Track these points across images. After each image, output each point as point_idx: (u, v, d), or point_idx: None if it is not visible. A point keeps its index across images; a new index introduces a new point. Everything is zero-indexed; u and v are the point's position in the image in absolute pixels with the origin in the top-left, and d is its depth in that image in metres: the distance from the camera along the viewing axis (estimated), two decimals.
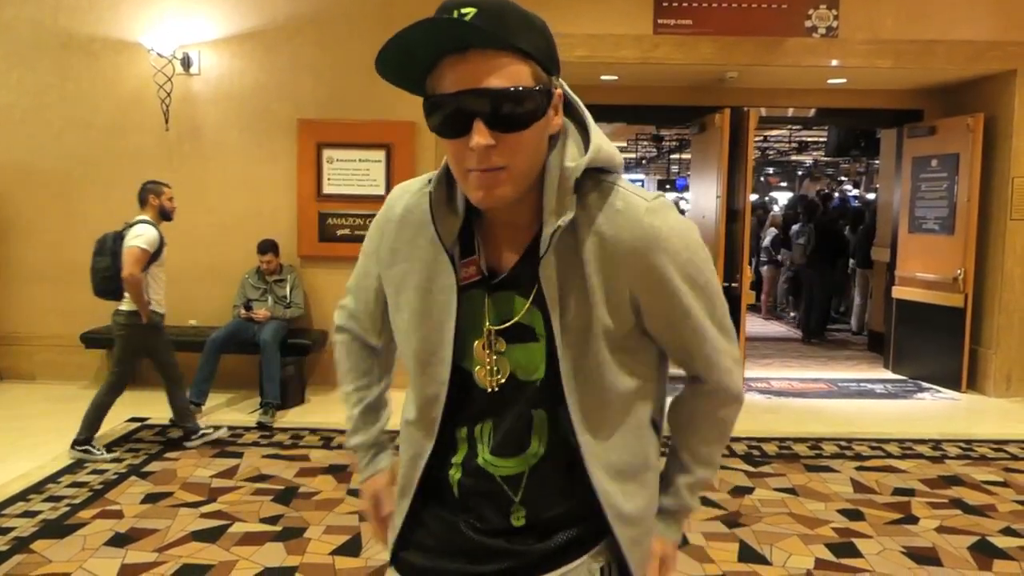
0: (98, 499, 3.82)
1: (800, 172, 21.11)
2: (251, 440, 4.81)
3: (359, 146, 5.96)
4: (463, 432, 1.18)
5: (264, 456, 4.51)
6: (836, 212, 10.79)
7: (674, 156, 17.27)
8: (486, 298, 1.13)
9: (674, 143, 15.06)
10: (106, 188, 6.04)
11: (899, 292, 6.84)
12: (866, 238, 8.72)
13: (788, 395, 6.25)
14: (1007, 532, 3.59)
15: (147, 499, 3.83)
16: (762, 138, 15.00)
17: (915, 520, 3.71)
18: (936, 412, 5.80)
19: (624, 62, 5.91)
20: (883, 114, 7.18)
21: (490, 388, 1.13)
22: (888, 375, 6.96)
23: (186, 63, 5.94)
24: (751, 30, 5.85)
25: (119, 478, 4.11)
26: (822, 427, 5.28)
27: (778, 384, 6.57)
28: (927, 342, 6.55)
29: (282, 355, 5.40)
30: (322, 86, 5.97)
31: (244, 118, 6.03)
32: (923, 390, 6.40)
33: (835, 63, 5.92)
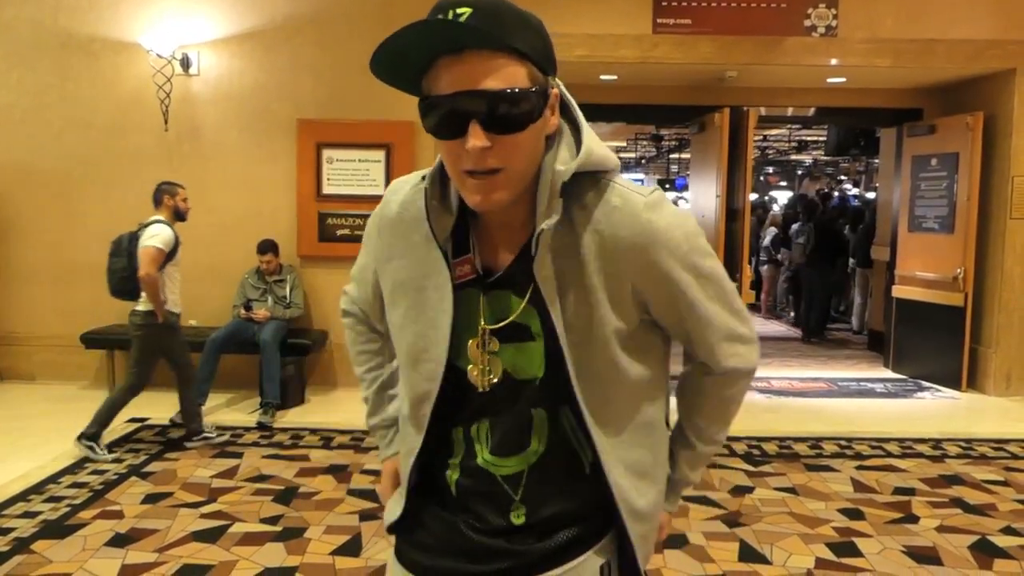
0: (98, 499, 3.82)
1: (800, 171, 21.12)
2: (251, 440, 4.81)
3: (359, 146, 5.96)
4: (459, 433, 1.18)
5: (264, 456, 4.51)
6: (835, 211, 10.79)
7: (673, 155, 17.27)
8: (481, 297, 1.13)
9: (673, 142, 15.06)
10: (106, 188, 6.04)
11: (899, 291, 6.84)
12: (866, 237, 8.72)
13: (788, 394, 6.25)
14: (1007, 531, 3.59)
15: (147, 499, 3.83)
16: (761, 137, 15.01)
17: (915, 519, 3.71)
18: (936, 411, 5.80)
19: (623, 61, 5.91)
20: (883, 113, 7.18)
21: (481, 387, 1.13)
22: (888, 374, 6.96)
23: (185, 63, 5.94)
24: (750, 29, 5.85)
25: (119, 478, 4.11)
26: (822, 426, 5.28)
27: (778, 383, 6.57)
28: (927, 341, 6.55)
29: (282, 355, 5.40)
30: (322, 86, 5.97)
31: (243, 118, 6.03)
32: (923, 389, 6.40)
33: (834, 62, 5.92)
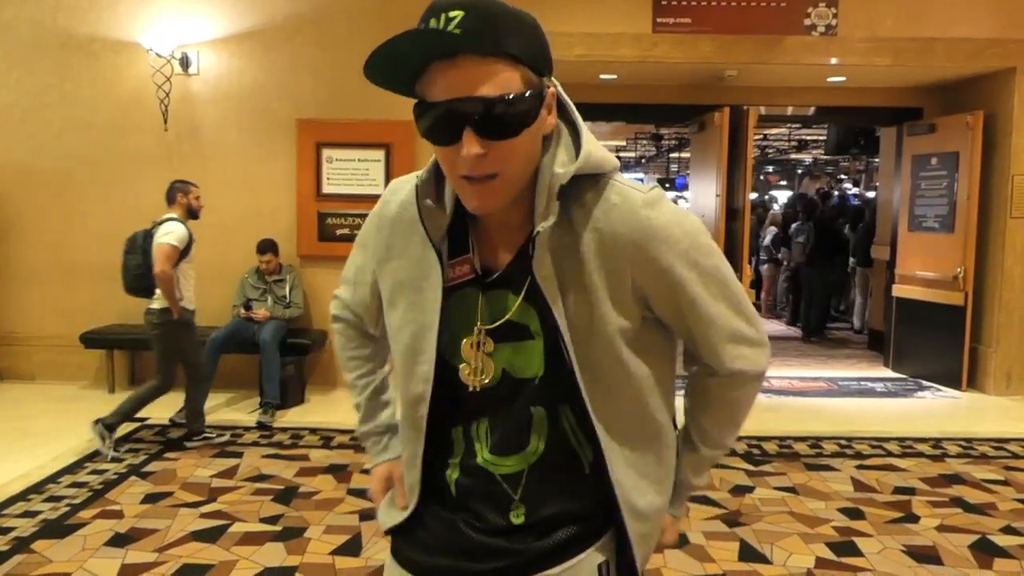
0: (98, 499, 3.82)
1: (800, 170, 21.10)
2: (251, 440, 4.81)
3: (358, 146, 5.96)
4: (458, 432, 1.18)
5: (264, 456, 4.51)
6: (835, 210, 10.79)
7: (673, 155, 17.25)
8: (480, 296, 1.13)
9: (673, 142, 15.04)
10: (106, 188, 6.04)
11: (899, 290, 6.84)
12: (866, 236, 8.72)
13: (788, 394, 6.25)
14: (1008, 531, 3.58)
15: (147, 499, 3.83)
16: (761, 136, 15.00)
17: (916, 519, 3.71)
18: (936, 410, 5.80)
19: (623, 61, 5.91)
20: (882, 112, 7.18)
21: (472, 387, 1.13)
22: (888, 373, 6.96)
23: (185, 63, 5.94)
24: (750, 28, 5.85)
25: (119, 478, 4.11)
26: (822, 426, 5.27)
27: (778, 383, 6.56)
28: (927, 340, 6.55)
29: (282, 355, 5.40)
30: (321, 86, 5.96)
31: (243, 118, 6.03)
32: (923, 388, 6.40)
33: (834, 61, 5.92)
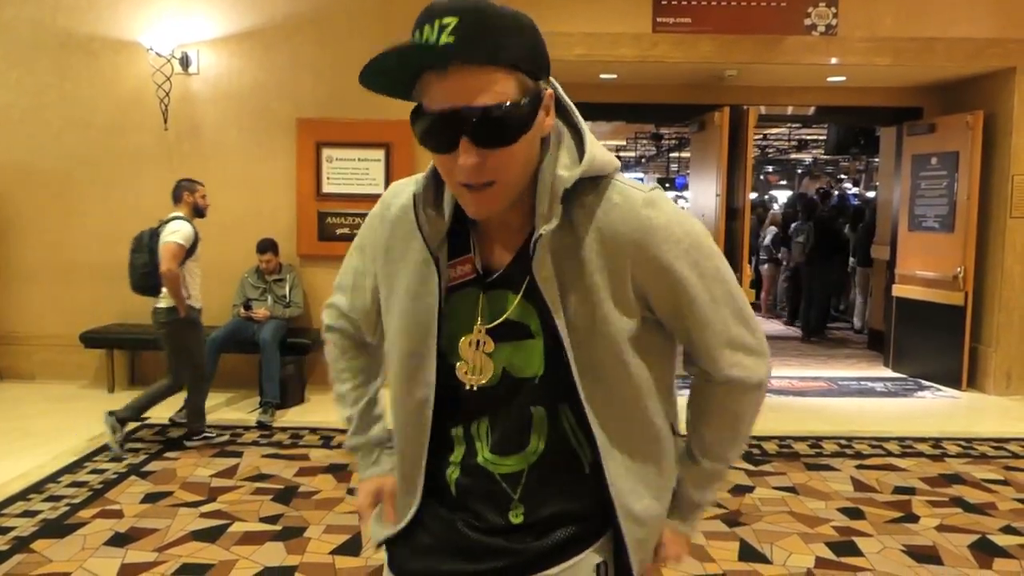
0: (98, 499, 3.82)
1: (800, 170, 21.10)
2: (251, 439, 4.81)
3: (358, 145, 5.96)
4: (459, 431, 1.18)
5: (264, 455, 4.51)
6: (834, 210, 10.79)
7: (673, 154, 17.23)
8: (481, 296, 1.13)
9: (673, 141, 15.03)
10: (105, 188, 6.04)
11: (899, 290, 6.84)
12: (866, 236, 8.71)
13: (788, 394, 6.25)
14: (1007, 530, 3.58)
15: (147, 499, 3.83)
16: (761, 136, 14.99)
17: (915, 519, 3.71)
18: (936, 410, 5.79)
19: (623, 60, 5.91)
20: (882, 112, 7.18)
21: (468, 385, 1.13)
22: (888, 373, 6.96)
23: (185, 62, 5.93)
24: (750, 28, 5.84)
25: (119, 478, 4.11)
26: (822, 425, 5.27)
27: (778, 383, 6.56)
28: (927, 340, 6.55)
29: (282, 354, 5.40)
30: (321, 85, 5.96)
31: (243, 117, 6.02)
32: (923, 388, 6.40)
33: (834, 61, 5.92)
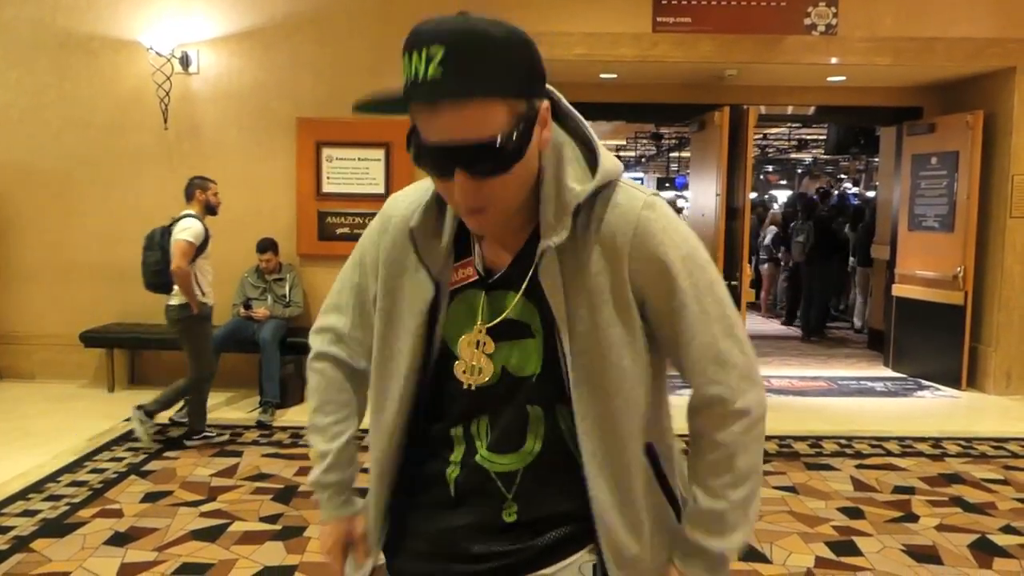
0: (98, 498, 3.82)
1: (800, 170, 21.10)
2: (251, 439, 4.81)
3: (358, 145, 5.95)
4: (458, 430, 1.17)
5: (264, 455, 4.51)
6: (834, 210, 10.79)
7: (673, 154, 17.23)
8: (482, 297, 1.13)
9: (673, 141, 15.02)
10: (105, 187, 6.04)
11: (899, 290, 6.84)
12: (866, 236, 8.71)
13: (788, 393, 6.25)
14: (1007, 530, 3.59)
15: (147, 498, 3.83)
16: (761, 136, 14.98)
17: (915, 518, 3.71)
18: (936, 410, 5.79)
19: (623, 60, 5.91)
20: (882, 112, 7.17)
21: (465, 385, 1.14)
22: (888, 373, 6.96)
23: (185, 62, 5.93)
24: (750, 28, 5.84)
25: (119, 477, 4.11)
26: (822, 425, 5.27)
27: (778, 382, 6.56)
28: (927, 340, 6.55)
29: (281, 354, 5.40)
30: (321, 84, 5.96)
31: (243, 117, 6.02)
32: (923, 388, 6.40)
33: (834, 61, 5.92)
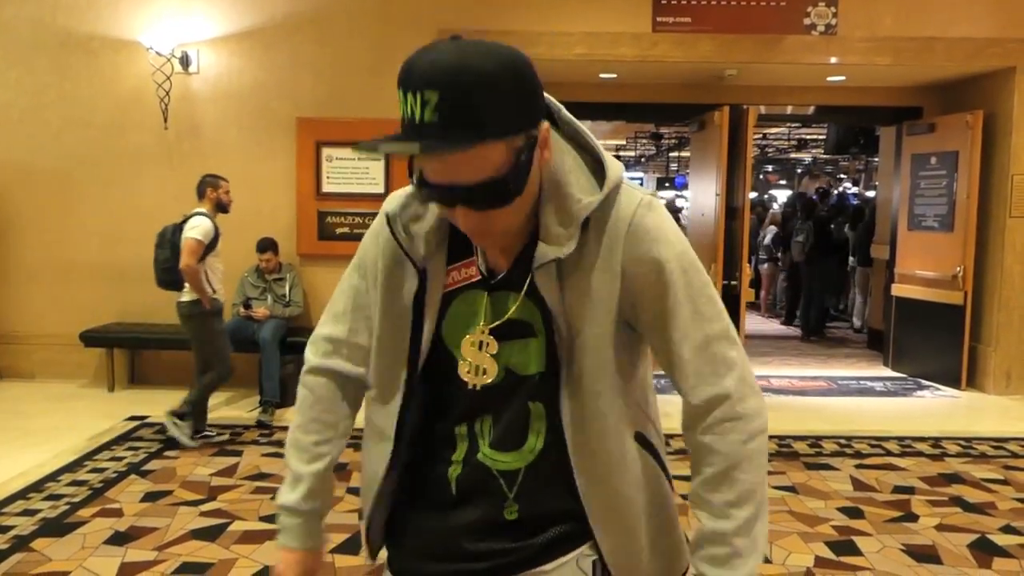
0: (98, 497, 3.82)
1: (799, 170, 21.12)
2: (251, 438, 4.81)
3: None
4: (462, 429, 1.17)
5: (264, 454, 4.51)
6: (834, 209, 10.79)
7: (673, 154, 17.24)
8: (485, 298, 1.13)
9: (673, 141, 15.04)
10: (105, 187, 6.03)
11: (898, 290, 6.84)
12: (866, 235, 8.72)
13: (788, 393, 6.25)
14: (1007, 530, 3.59)
15: (147, 497, 3.83)
16: (761, 136, 15.00)
17: (915, 518, 3.71)
18: (936, 410, 5.80)
19: (623, 60, 5.91)
20: (882, 111, 7.18)
21: (471, 385, 1.14)
22: (888, 373, 6.96)
23: (185, 62, 5.93)
24: (750, 28, 5.84)
25: (119, 476, 4.11)
26: (822, 425, 5.27)
27: (777, 382, 6.57)
28: (927, 340, 6.55)
29: (281, 353, 5.40)
30: (321, 84, 5.96)
31: (243, 117, 6.02)
32: (923, 388, 6.40)
33: (834, 60, 5.92)
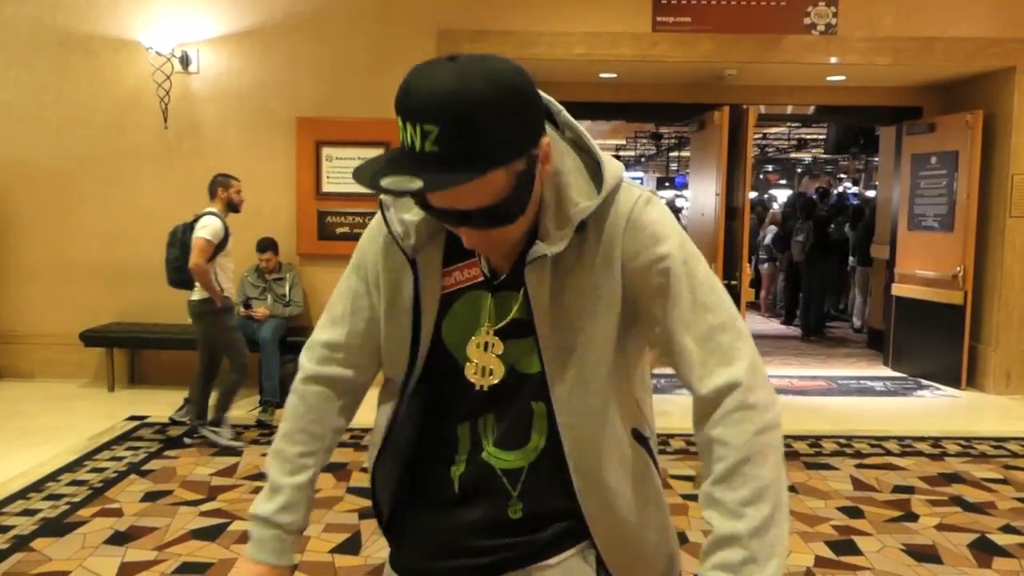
0: (98, 497, 3.82)
1: (799, 170, 21.12)
2: (251, 438, 4.81)
3: (358, 144, 5.95)
4: (465, 428, 1.18)
5: (264, 454, 4.47)
6: (834, 209, 10.80)
7: (673, 154, 17.24)
8: (489, 298, 1.13)
9: (673, 141, 15.04)
10: (105, 187, 6.03)
11: (898, 289, 6.84)
12: (866, 235, 8.72)
13: (787, 393, 6.25)
14: (1007, 529, 3.59)
15: (147, 497, 3.83)
16: (761, 135, 15.00)
17: (915, 518, 3.71)
18: (936, 409, 5.80)
19: (623, 59, 5.91)
20: (882, 111, 7.18)
21: (478, 386, 1.14)
22: (888, 372, 6.96)
23: (185, 61, 5.93)
24: (750, 27, 5.84)
25: (119, 476, 4.11)
26: (822, 425, 5.27)
27: (777, 382, 6.56)
28: (927, 339, 6.55)
29: (281, 353, 5.40)
30: (321, 84, 5.96)
31: (243, 116, 6.02)
32: (923, 387, 6.40)
33: (834, 60, 5.92)
